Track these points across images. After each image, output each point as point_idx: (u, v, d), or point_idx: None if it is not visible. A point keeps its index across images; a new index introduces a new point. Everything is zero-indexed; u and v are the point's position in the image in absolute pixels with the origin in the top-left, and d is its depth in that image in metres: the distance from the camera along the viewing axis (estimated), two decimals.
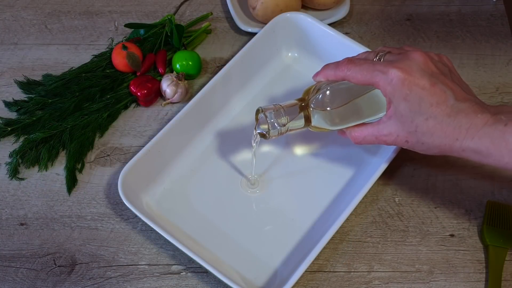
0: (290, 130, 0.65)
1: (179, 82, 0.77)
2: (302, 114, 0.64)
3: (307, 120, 0.64)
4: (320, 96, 0.63)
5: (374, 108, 0.64)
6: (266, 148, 0.74)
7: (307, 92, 0.66)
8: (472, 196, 0.71)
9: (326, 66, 0.64)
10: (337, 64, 0.62)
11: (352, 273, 0.67)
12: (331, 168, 0.73)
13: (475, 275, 0.66)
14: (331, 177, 0.72)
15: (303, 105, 0.64)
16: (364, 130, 0.63)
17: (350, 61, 0.62)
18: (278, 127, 0.63)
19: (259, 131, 0.65)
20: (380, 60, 0.62)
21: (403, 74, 0.57)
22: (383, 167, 0.67)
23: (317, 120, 0.64)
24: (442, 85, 0.57)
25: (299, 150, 0.74)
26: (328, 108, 0.63)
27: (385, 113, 0.61)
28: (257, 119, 0.65)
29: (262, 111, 0.64)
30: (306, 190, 0.71)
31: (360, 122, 0.64)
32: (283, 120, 0.63)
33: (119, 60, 0.78)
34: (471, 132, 0.56)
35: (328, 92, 0.63)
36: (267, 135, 0.64)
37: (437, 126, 0.57)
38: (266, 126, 0.63)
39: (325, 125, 0.64)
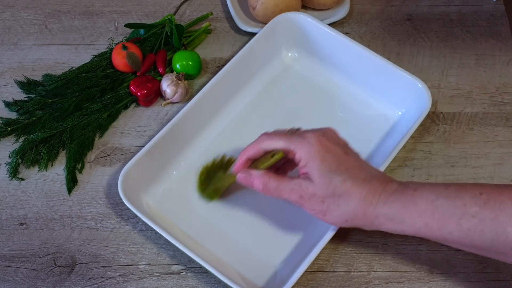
0: None
1: (179, 82, 0.77)
2: None
3: None
4: None
5: None
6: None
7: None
8: None
9: (243, 151, 0.65)
10: (256, 141, 0.64)
11: (352, 273, 0.67)
12: None
13: (475, 275, 0.66)
14: None
15: None
16: (281, 180, 0.61)
17: (267, 133, 0.64)
18: None
19: None
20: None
21: (322, 139, 0.59)
22: (383, 167, 0.67)
23: None
24: (353, 155, 0.61)
25: None
26: None
27: None
28: None
29: None
30: None
31: None
32: None
33: (119, 60, 0.78)
34: (383, 197, 0.57)
35: None
36: None
37: (355, 187, 0.58)
38: None
39: None
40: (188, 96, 0.79)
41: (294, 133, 0.62)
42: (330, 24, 0.81)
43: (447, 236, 0.56)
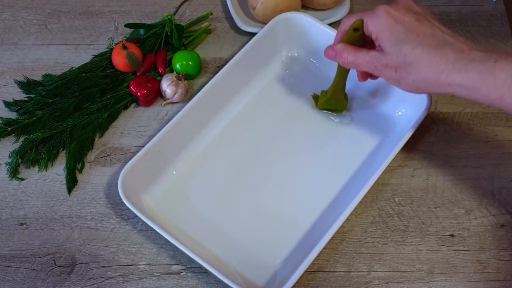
0: None
1: (179, 82, 0.77)
2: None
3: None
4: None
5: None
6: (266, 147, 0.74)
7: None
8: (472, 196, 0.71)
9: (335, 37, 0.67)
10: (339, 26, 0.66)
11: (352, 273, 0.67)
12: (331, 168, 0.73)
13: (475, 275, 0.66)
14: (331, 177, 0.72)
15: None
16: (358, 54, 0.63)
17: (347, 15, 0.66)
18: None
19: None
20: None
21: (390, 9, 0.59)
22: (383, 167, 0.67)
23: None
24: (428, 21, 0.59)
25: (299, 150, 0.74)
26: None
27: None
28: None
29: None
30: (306, 190, 0.71)
31: None
32: None
33: (119, 60, 0.78)
34: (457, 65, 0.56)
35: None
36: None
37: (424, 55, 0.57)
38: None
39: None
40: (188, 96, 0.79)
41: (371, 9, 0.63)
42: (330, 24, 0.81)
43: None
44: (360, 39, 0.64)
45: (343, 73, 0.71)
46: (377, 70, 0.61)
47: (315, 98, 0.77)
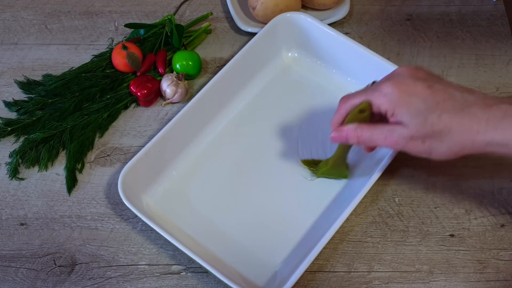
0: None
1: (179, 82, 0.77)
2: None
3: None
4: None
5: None
6: (266, 148, 0.74)
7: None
8: (472, 196, 0.71)
9: (331, 122, 0.64)
10: (337, 108, 0.63)
11: (352, 273, 0.67)
12: None
13: (475, 275, 0.66)
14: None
15: None
16: (374, 130, 0.60)
17: (344, 97, 0.63)
18: None
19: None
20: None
21: (396, 85, 0.57)
22: (383, 166, 0.67)
23: None
24: (439, 85, 0.57)
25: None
26: None
27: None
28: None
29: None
30: (307, 190, 0.71)
31: None
32: None
33: (119, 60, 0.78)
34: (492, 123, 0.54)
35: None
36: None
37: (453, 120, 0.55)
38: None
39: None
40: (188, 96, 0.79)
41: (370, 87, 0.61)
42: (330, 24, 0.81)
43: None
44: (366, 120, 0.61)
45: (345, 148, 0.67)
46: (398, 144, 0.58)
47: (307, 164, 0.72)
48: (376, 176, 0.66)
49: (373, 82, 0.63)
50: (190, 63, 0.78)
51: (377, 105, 0.59)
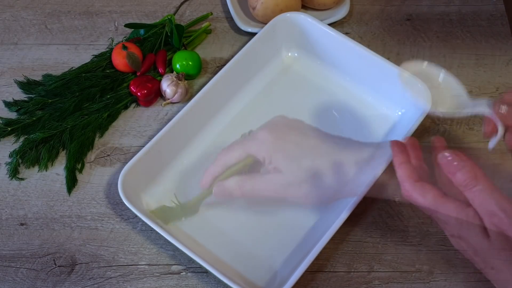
0: None
1: (179, 82, 0.77)
2: None
3: None
4: None
5: None
6: None
7: None
8: None
9: (207, 171, 0.66)
10: (215, 160, 0.65)
11: (352, 273, 0.67)
12: None
13: (475, 275, 0.66)
14: None
15: None
16: (254, 181, 0.63)
17: (223, 149, 0.65)
18: None
19: None
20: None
21: (271, 132, 0.60)
22: (383, 166, 0.67)
23: None
24: (313, 132, 0.63)
25: None
26: None
27: None
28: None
29: None
30: None
31: None
32: None
33: (119, 60, 0.78)
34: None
35: None
36: None
37: (331, 163, 0.59)
38: None
39: None
40: (188, 96, 0.79)
41: (247, 137, 0.63)
42: (330, 24, 0.81)
43: None
44: (245, 171, 0.65)
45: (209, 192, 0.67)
46: (278, 193, 0.62)
47: (155, 213, 0.68)
48: (376, 176, 0.66)
49: (250, 132, 0.66)
50: (190, 63, 0.79)
51: (255, 154, 0.61)
